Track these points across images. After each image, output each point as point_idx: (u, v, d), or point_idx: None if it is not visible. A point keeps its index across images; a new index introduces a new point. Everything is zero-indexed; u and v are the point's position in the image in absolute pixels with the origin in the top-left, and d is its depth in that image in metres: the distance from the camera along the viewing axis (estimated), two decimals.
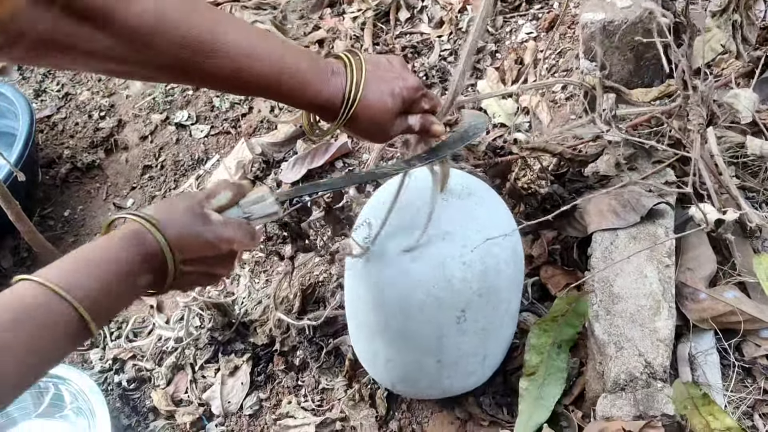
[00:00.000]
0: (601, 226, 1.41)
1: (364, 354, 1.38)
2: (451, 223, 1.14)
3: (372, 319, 1.24)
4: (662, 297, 1.28)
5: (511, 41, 2.13)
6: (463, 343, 1.20)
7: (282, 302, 1.62)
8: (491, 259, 1.14)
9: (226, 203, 0.86)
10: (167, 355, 1.71)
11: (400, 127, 0.99)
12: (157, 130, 2.39)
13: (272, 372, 1.60)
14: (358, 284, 1.24)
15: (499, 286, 1.18)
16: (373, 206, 1.24)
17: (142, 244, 0.78)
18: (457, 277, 1.12)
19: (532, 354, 1.31)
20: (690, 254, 1.44)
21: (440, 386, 1.29)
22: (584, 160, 1.36)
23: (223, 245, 0.83)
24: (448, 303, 1.13)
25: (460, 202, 1.17)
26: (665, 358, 1.21)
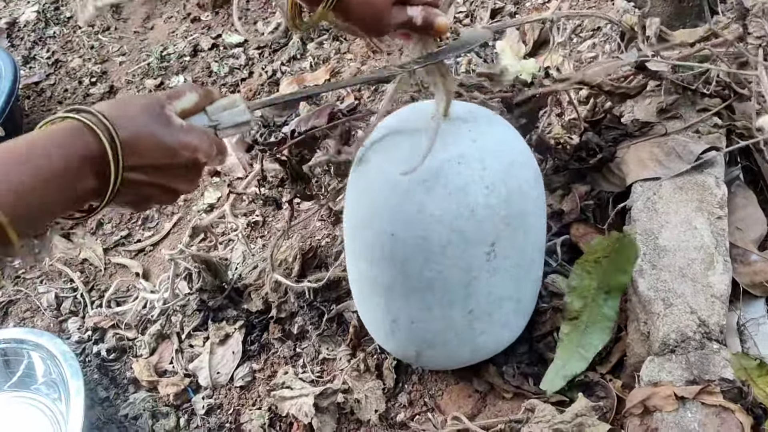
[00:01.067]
0: (641, 176, 1.26)
1: (376, 323, 1.18)
2: (463, 145, 0.97)
3: (384, 276, 1.05)
4: (715, 250, 1.12)
5: (532, 2, 1.99)
6: (495, 285, 1.03)
7: (280, 264, 1.46)
8: (514, 181, 0.98)
9: (190, 107, 0.75)
10: (151, 324, 1.54)
11: (398, 18, 0.85)
12: None
13: (267, 341, 1.43)
14: (359, 238, 1.07)
15: (527, 210, 1.01)
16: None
17: (83, 141, 0.65)
18: (482, 204, 0.95)
19: (573, 297, 1.15)
20: (738, 214, 1.29)
21: (473, 344, 1.11)
22: (625, 93, 1.21)
23: (184, 152, 0.71)
24: (475, 237, 0.97)
25: (467, 124, 1.01)
26: (721, 316, 1.05)
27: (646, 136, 1.27)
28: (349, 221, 1.10)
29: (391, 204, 0.98)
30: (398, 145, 1.01)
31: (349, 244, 1.13)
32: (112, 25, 2.58)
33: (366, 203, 1.03)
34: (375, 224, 1.01)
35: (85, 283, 1.72)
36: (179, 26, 2.48)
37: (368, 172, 1.03)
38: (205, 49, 2.32)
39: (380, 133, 1.04)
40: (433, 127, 0.92)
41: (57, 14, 2.69)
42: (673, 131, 1.26)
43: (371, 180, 1.02)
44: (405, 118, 1.07)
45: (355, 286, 1.19)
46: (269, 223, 1.70)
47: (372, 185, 1.02)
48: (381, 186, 1.00)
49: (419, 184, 0.96)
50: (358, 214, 1.06)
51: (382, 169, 1.00)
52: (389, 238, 0.99)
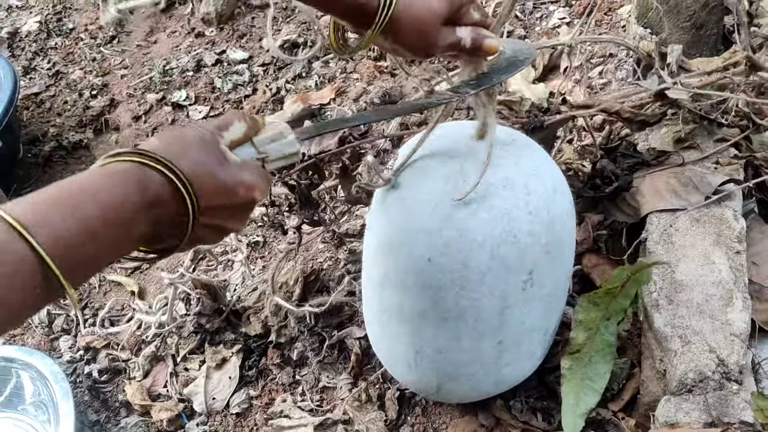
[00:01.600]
0: (657, 207, 1.22)
1: (396, 354, 1.10)
2: (507, 169, 0.93)
3: (414, 304, 0.99)
4: (734, 286, 1.08)
5: (542, 26, 1.97)
6: (528, 315, 0.98)
7: (281, 287, 1.42)
8: (556, 209, 0.95)
9: (239, 138, 0.69)
10: (146, 345, 1.49)
11: (447, 39, 0.81)
12: (152, 111, 2.21)
13: (265, 366, 1.39)
14: (388, 264, 1.00)
15: (564, 239, 0.98)
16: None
17: (143, 184, 0.59)
18: (525, 231, 0.91)
19: (579, 331, 1.10)
20: (753, 248, 1.25)
21: (496, 377, 1.06)
22: (645, 120, 1.17)
23: (241, 191, 0.66)
24: (516, 265, 0.92)
25: (507, 147, 0.97)
26: (741, 355, 1.01)
27: (662, 166, 1.24)
28: (376, 247, 1.03)
29: (429, 228, 0.93)
30: (434, 167, 0.96)
31: (371, 271, 1.07)
32: (116, 37, 2.55)
33: (399, 228, 0.97)
34: (409, 249, 0.95)
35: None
36: (183, 41, 2.45)
37: (401, 195, 0.98)
38: (209, 65, 2.29)
39: (409, 156, 0.99)
40: (487, 150, 0.89)
41: (59, 25, 2.66)
42: (690, 161, 1.23)
43: (405, 203, 0.96)
44: (436, 140, 1.01)
45: (373, 315, 1.12)
46: (270, 243, 1.65)
47: (407, 209, 0.96)
48: (418, 209, 0.94)
49: (461, 207, 0.91)
50: (387, 240, 1.00)
51: (419, 192, 0.95)
52: (426, 263, 0.94)
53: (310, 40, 2.21)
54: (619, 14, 1.89)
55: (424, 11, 0.77)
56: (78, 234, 0.54)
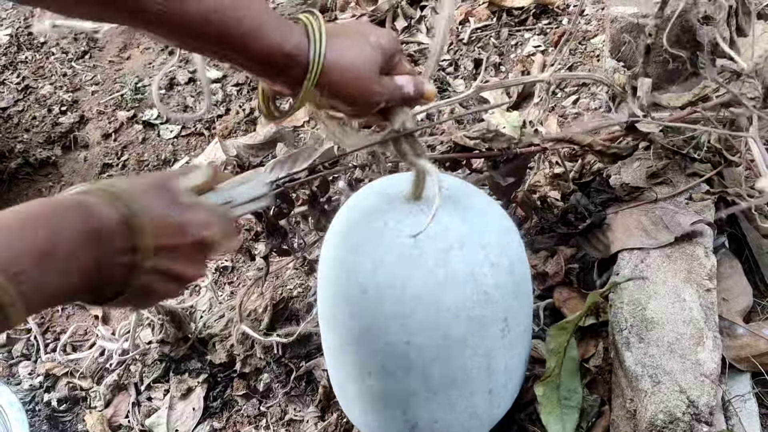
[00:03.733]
0: (626, 245, 1.22)
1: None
2: (456, 229, 0.90)
3: (401, 386, 0.94)
4: (705, 325, 1.08)
5: (517, 54, 1.97)
6: (511, 357, 0.97)
7: (249, 315, 1.39)
8: (512, 251, 0.94)
9: (201, 183, 0.68)
10: (108, 373, 1.45)
11: (388, 88, 0.78)
12: (123, 128, 2.17)
13: (230, 397, 1.36)
14: (361, 352, 0.96)
15: (525, 275, 0.98)
16: None
17: (88, 212, 0.58)
18: (491, 285, 0.89)
19: (551, 359, 1.11)
20: (723, 284, 1.25)
21: (490, 420, 1.04)
22: (617, 154, 1.17)
23: (192, 230, 0.64)
24: (491, 318, 0.91)
25: (448, 204, 0.91)
26: (711, 396, 1.01)
27: (635, 201, 1.23)
28: (343, 340, 0.98)
29: (402, 313, 0.88)
30: (388, 245, 0.91)
31: (344, 361, 1.01)
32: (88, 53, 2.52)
33: (367, 319, 0.92)
34: (384, 337, 0.91)
35: (39, 325, 1.63)
36: (156, 58, 2.42)
37: (362, 286, 0.91)
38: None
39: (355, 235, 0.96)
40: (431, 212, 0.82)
41: (30, 39, 2.61)
42: (662, 197, 1.23)
43: (368, 294, 0.90)
44: (375, 205, 0.97)
45: (354, 402, 1.06)
46: (239, 269, 1.62)
47: (371, 297, 0.90)
48: (384, 296, 0.89)
49: (430, 281, 0.87)
50: (357, 332, 0.94)
51: (381, 278, 0.89)
52: (405, 346, 0.90)
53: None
54: (593, 43, 1.89)
55: (358, 60, 0.74)
56: (24, 257, 0.53)
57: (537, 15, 2.05)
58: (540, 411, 1.11)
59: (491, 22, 2.08)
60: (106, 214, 0.58)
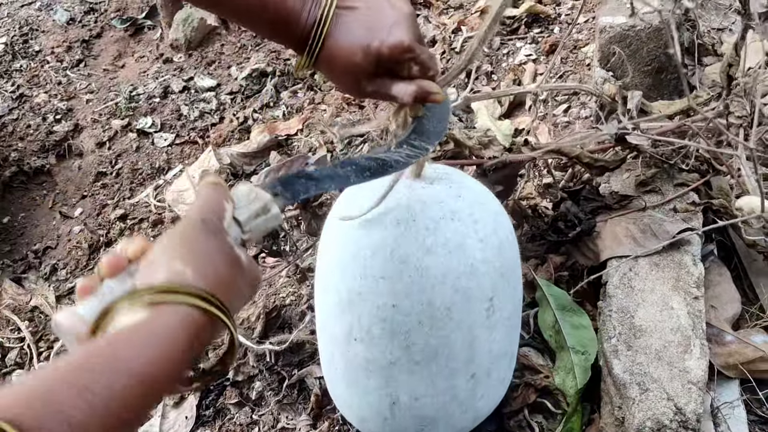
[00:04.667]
0: (616, 252, 1.23)
1: (369, 409, 1.05)
2: (450, 202, 0.94)
3: (384, 354, 0.96)
4: (692, 332, 1.09)
5: (509, 63, 1.99)
6: (494, 341, 0.98)
7: (242, 323, 1.40)
8: (502, 231, 0.97)
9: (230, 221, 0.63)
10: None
11: (378, 89, 0.79)
12: (117, 137, 2.18)
13: (223, 405, 1.36)
14: (349, 318, 0.97)
15: (514, 261, 1.00)
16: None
17: (192, 328, 0.54)
18: (479, 259, 0.92)
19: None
20: (712, 291, 1.27)
21: (474, 411, 1.04)
22: (604, 166, 1.18)
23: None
24: (477, 294, 0.92)
25: (445, 181, 0.97)
26: (698, 404, 1.02)
27: (624, 209, 1.25)
28: (334, 303, 0.99)
29: (390, 274, 0.91)
30: (383, 213, 0.94)
31: (332, 329, 1.02)
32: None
33: (357, 279, 0.94)
34: (372, 299, 0.93)
35: (33, 333, 1.63)
36: (151, 66, 2.43)
37: (355, 246, 0.95)
38: (176, 92, 2.27)
39: (353, 204, 0.98)
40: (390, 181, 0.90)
41: (25, 47, 2.62)
42: (651, 205, 1.24)
43: (361, 253, 0.94)
44: (377, 186, 0.98)
45: (338, 374, 1.07)
46: None
47: (363, 258, 0.93)
48: (375, 257, 0.92)
49: (417, 248, 0.90)
50: (347, 293, 0.96)
51: (374, 240, 0.93)
52: (391, 310, 0.92)
53: (279, 69, 2.20)
54: (584, 52, 1.91)
55: (348, 61, 0.76)
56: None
57: (529, 24, 2.07)
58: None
59: None
60: (205, 322, 0.55)
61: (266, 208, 0.66)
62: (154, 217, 1.87)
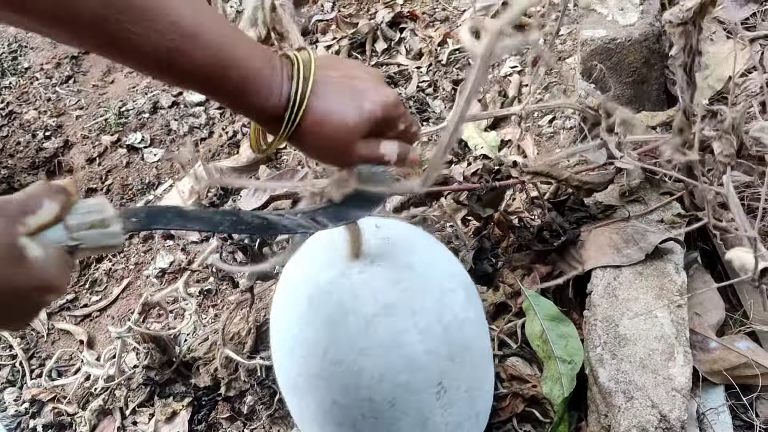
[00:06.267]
0: (599, 262, 1.25)
1: None
2: (385, 293, 0.88)
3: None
4: (676, 340, 1.11)
5: (494, 75, 2.01)
6: (451, 414, 0.95)
7: (232, 338, 1.41)
8: (448, 313, 0.91)
9: (49, 221, 0.59)
10: (94, 398, 1.46)
11: (365, 153, 0.75)
12: (107, 153, 2.19)
13: (215, 420, 1.37)
14: (304, 403, 0.97)
15: (467, 336, 0.94)
16: None
17: None
18: (420, 351, 0.87)
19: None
20: (696, 299, 1.28)
21: None
22: (592, 188, 1.21)
23: (35, 295, 0.58)
24: (421, 384, 0.89)
25: (384, 263, 0.91)
26: (682, 411, 1.03)
27: (609, 219, 1.27)
28: (283, 384, 1.01)
29: (324, 375, 0.89)
30: (317, 305, 0.91)
31: (296, 407, 1.03)
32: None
33: (296, 374, 0.94)
34: (313, 393, 0.92)
35: (25, 351, 1.64)
36: (140, 81, 2.45)
37: (290, 343, 0.94)
38: (165, 107, 2.29)
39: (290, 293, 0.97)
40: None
41: (14, 64, 2.63)
42: (635, 215, 1.26)
43: (295, 353, 0.92)
44: (307, 264, 0.98)
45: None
46: (222, 291, 1.64)
47: (298, 356, 0.92)
48: (309, 357, 0.90)
49: (352, 347, 0.87)
50: (291, 381, 0.97)
51: (308, 339, 0.91)
52: (333, 405, 0.91)
53: None
54: (568, 63, 1.93)
55: (337, 128, 0.72)
56: None
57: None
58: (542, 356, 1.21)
59: None
60: None
61: (105, 223, 0.62)
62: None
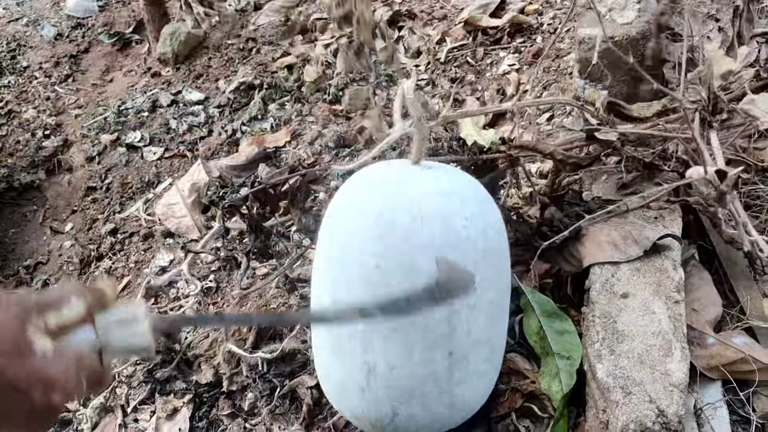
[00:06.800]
0: (597, 259, 1.26)
1: (348, 379, 1.06)
2: (441, 183, 1.01)
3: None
4: (673, 336, 1.11)
5: (492, 73, 2.02)
6: (474, 323, 1.00)
7: (234, 334, 1.41)
8: (489, 216, 1.03)
9: (73, 319, 0.55)
10: (95, 395, 1.47)
11: None
12: (106, 151, 2.20)
13: (216, 417, 1.38)
14: (337, 277, 1.02)
15: (499, 247, 1.04)
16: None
17: None
18: (462, 236, 0.97)
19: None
20: (693, 295, 1.30)
21: (451, 396, 1.05)
22: (577, 163, 1.22)
23: (36, 394, 0.52)
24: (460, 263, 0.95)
25: (439, 169, 1.05)
26: (680, 406, 1.04)
27: (607, 213, 1.28)
28: (324, 261, 1.06)
29: (375, 235, 0.97)
30: (376, 186, 1.04)
31: (319, 288, 1.07)
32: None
33: (346, 238, 1.01)
34: (357, 258, 0.98)
35: None
36: (139, 80, 2.45)
37: (348, 210, 1.03)
38: (164, 105, 2.29)
39: (354, 181, 1.07)
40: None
41: (13, 63, 2.64)
42: (632, 207, 1.27)
43: (352, 216, 1.01)
44: (375, 170, 1.09)
45: (322, 339, 1.10)
46: (223, 288, 1.65)
47: (353, 220, 1.01)
48: (364, 220, 0.99)
49: (404, 215, 0.96)
50: (337, 251, 1.03)
51: (365, 205, 1.01)
52: (373, 270, 0.96)
53: (266, 82, 2.23)
54: (566, 61, 1.95)
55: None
56: None
57: (511, 34, 2.10)
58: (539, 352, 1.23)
59: (467, 42, 2.13)
60: None
61: (134, 321, 0.58)
62: (145, 230, 1.89)
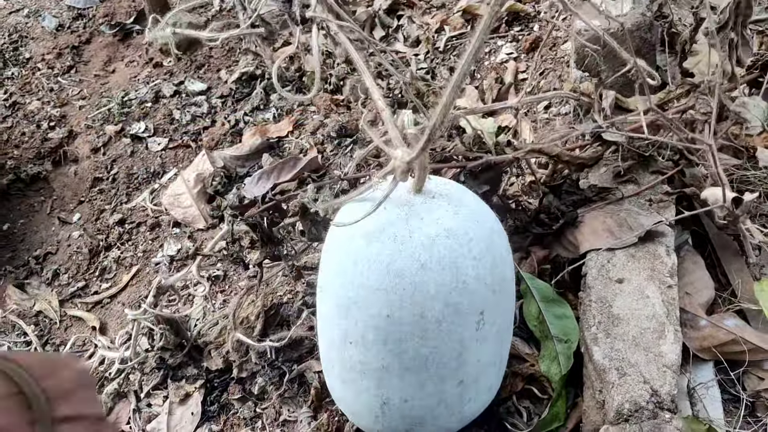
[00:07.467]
0: (594, 245, 1.31)
1: (362, 408, 1.12)
2: (446, 220, 0.99)
3: (377, 359, 1.02)
4: (666, 319, 1.16)
5: (491, 61, 2.05)
6: (483, 352, 1.04)
7: (242, 322, 1.46)
8: (496, 248, 1.01)
9: None
10: (109, 381, 1.52)
11: None
12: (111, 142, 2.23)
13: (227, 401, 1.43)
14: (346, 324, 1.03)
15: (506, 276, 1.05)
16: None
17: None
18: (471, 276, 0.97)
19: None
20: (687, 279, 1.34)
21: (461, 414, 1.11)
22: (582, 163, 1.26)
23: None
24: (467, 309, 0.98)
25: (444, 198, 1.02)
26: (673, 386, 1.09)
27: (604, 201, 1.32)
28: (333, 308, 1.06)
29: (385, 286, 0.97)
30: (381, 228, 1.00)
31: (330, 333, 1.09)
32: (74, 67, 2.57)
33: (355, 288, 1.00)
34: (368, 308, 0.99)
35: (39, 337, 1.69)
36: (141, 71, 2.48)
37: (354, 256, 1.00)
38: (167, 96, 2.32)
39: (361, 211, 1.03)
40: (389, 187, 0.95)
41: (16, 54, 2.66)
42: (628, 195, 1.32)
43: (359, 264, 0.99)
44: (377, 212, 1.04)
45: (335, 374, 1.14)
46: (230, 277, 1.70)
47: (361, 270, 0.99)
48: (372, 269, 0.97)
49: (412, 263, 0.95)
50: (345, 300, 1.02)
51: (371, 252, 0.98)
52: (385, 320, 0.98)
53: (267, 72, 2.26)
54: (563, 49, 1.98)
55: None
56: None
57: (509, 22, 2.13)
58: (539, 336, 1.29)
59: (466, 30, 2.16)
60: None
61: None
62: (152, 220, 1.93)
